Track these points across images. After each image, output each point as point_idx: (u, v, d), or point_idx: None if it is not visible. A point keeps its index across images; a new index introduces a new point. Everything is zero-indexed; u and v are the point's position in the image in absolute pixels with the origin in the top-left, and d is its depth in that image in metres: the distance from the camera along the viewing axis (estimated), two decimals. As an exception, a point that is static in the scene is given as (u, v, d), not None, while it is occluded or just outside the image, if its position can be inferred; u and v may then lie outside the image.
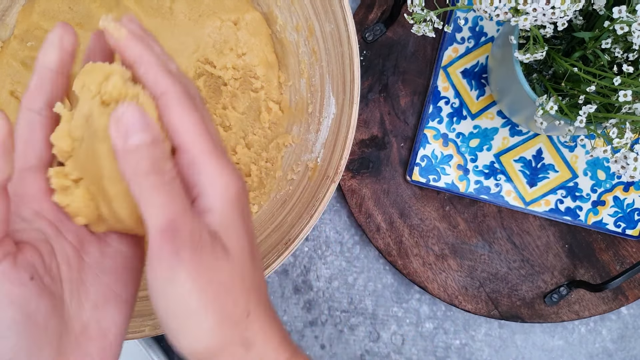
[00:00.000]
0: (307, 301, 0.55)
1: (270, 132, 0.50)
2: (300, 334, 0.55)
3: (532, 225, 0.54)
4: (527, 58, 0.39)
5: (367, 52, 0.54)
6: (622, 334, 0.55)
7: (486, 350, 0.55)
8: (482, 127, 0.53)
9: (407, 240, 0.53)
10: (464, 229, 0.54)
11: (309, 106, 0.48)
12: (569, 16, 0.35)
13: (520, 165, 0.53)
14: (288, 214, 0.45)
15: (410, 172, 0.53)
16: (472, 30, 0.53)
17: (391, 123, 0.54)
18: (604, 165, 0.53)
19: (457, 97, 0.53)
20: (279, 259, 0.41)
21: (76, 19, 0.48)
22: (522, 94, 0.42)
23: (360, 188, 0.53)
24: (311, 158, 0.46)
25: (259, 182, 0.49)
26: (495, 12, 0.35)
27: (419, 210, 0.54)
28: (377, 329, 0.55)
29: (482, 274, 0.53)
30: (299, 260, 0.55)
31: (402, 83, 0.54)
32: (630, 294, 0.53)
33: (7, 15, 0.49)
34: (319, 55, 0.46)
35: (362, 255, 0.55)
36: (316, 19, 0.45)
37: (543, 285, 0.53)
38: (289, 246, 0.41)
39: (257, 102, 0.50)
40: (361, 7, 0.54)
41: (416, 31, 0.39)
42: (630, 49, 0.38)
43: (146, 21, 0.48)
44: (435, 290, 0.53)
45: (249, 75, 0.49)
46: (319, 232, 0.55)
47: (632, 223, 0.53)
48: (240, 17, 0.49)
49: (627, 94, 0.36)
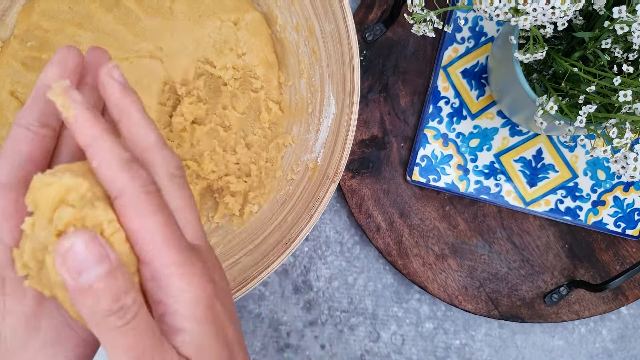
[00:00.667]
0: (307, 301, 0.55)
1: (270, 132, 0.50)
2: (300, 334, 0.55)
3: (532, 225, 0.54)
4: (527, 58, 0.39)
5: (367, 52, 0.54)
6: (622, 334, 0.55)
7: (486, 350, 0.55)
8: (482, 127, 0.53)
9: (407, 240, 0.53)
10: (464, 229, 0.54)
11: (309, 106, 0.48)
12: (569, 16, 0.35)
13: (520, 165, 0.53)
14: (288, 214, 0.45)
15: (410, 172, 0.53)
16: (472, 30, 0.53)
17: (391, 123, 0.54)
18: (604, 165, 0.53)
19: (457, 97, 0.53)
20: (279, 259, 0.41)
21: (76, 19, 0.48)
22: (522, 94, 0.42)
23: (360, 188, 0.53)
24: (311, 158, 0.46)
25: (259, 182, 0.49)
26: (495, 12, 0.35)
27: (419, 210, 0.54)
28: (377, 329, 0.55)
29: (482, 274, 0.53)
30: (299, 260, 0.55)
31: (402, 83, 0.54)
32: (630, 294, 0.53)
33: (7, 15, 0.49)
34: (319, 55, 0.46)
35: (362, 255, 0.55)
36: (316, 19, 0.45)
37: (543, 285, 0.53)
38: (289, 246, 0.41)
39: (257, 102, 0.50)
40: (361, 7, 0.54)
41: (416, 31, 0.39)
42: (630, 49, 0.38)
43: (146, 21, 0.48)
44: (435, 290, 0.53)
45: (249, 75, 0.49)
46: (319, 232, 0.55)
47: (632, 223, 0.53)
48: (240, 17, 0.49)
49: (627, 94, 0.36)
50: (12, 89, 0.48)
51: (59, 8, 0.48)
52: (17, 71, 0.48)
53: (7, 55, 0.48)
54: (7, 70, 0.48)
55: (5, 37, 0.49)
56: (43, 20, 0.48)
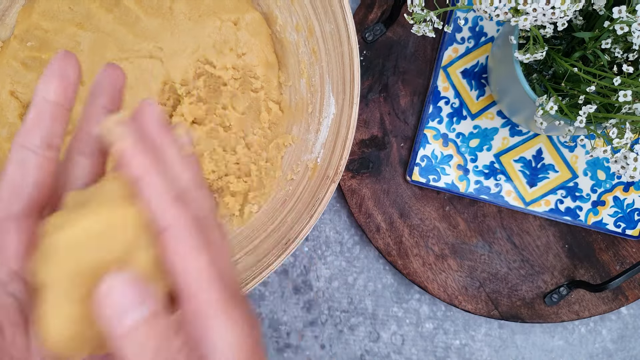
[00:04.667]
0: (307, 301, 0.55)
1: (270, 132, 0.50)
2: (300, 334, 0.55)
3: (532, 225, 0.54)
4: (527, 58, 0.39)
5: (367, 52, 0.54)
6: (622, 334, 0.55)
7: (486, 350, 0.55)
8: (482, 127, 0.53)
9: (407, 241, 0.53)
10: (464, 229, 0.54)
11: (309, 106, 0.48)
12: (569, 16, 0.35)
13: (520, 165, 0.53)
14: (288, 214, 0.45)
15: (410, 172, 0.53)
16: (472, 30, 0.53)
17: (391, 123, 0.54)
18: (604, 165, 0.53)
19: (457, 97, 0.53)
20: (279, 259, 0.41)
21: (76, 19, 0.48)
22: (522, 94, 0.42)
23: (360, 188, 0.53)
24: (311, 158, 0.46)
25: (259, 182, 0.49)
26: (495, 12, 0.35)
27: (419, 210, 0.54)
28: (377, 329, 0.55)
29: (482, 274, 0.53)
30: (299, 260, 0.55)
31: (402, 83, 0.54)
32: (630, 294, 0.53)
33: (7, 15, 0.49)
34: (318, 55, 0.46)
35: (362, 255, 0.55)
36: (316, 19, 0.45)
37: (543, 285, 0.53)
38: (289, 246, 0.41)
39: (257, 102, 0.50)
40: (361, 7, 0.54)
41: (416, 31, 0.39)
42: (630, 49, 0.38)
43: (146, 21, 0.48)
44: (435, 290, 0.53)
45: (248, 75, 0.49)
46: (319, 232, 0.55)
47: (632, 223, 0.53)
48: (240, 17, 0.49)
49: (627, 94, 0.36)
50: (12, 89, 0.48)
51: (59, 8, 0.48)
52: (17, 71, 0.48)
53: (7, 55, 0.48)
54: (7, 70, 0.48)
55: (5, 37, 0.49)
56: (43, 20, 0.48)
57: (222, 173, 0.49)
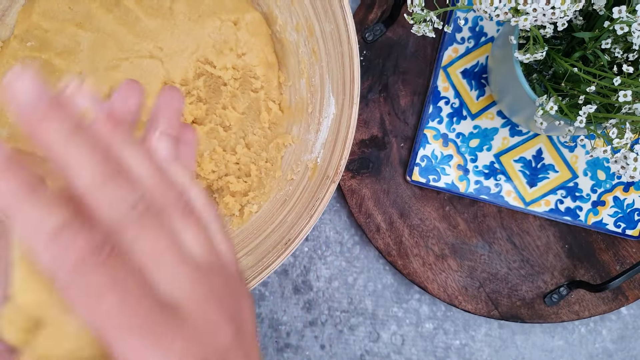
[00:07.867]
0: (307, 301, 0.55)
1: (270, 132, 0.50)
2: (300, 334, 0.55)
3: (532, 226, 0.54)
4: (527, 58, 0.39)
5: (367, 52, 0.54)
6: (622, 334, 0.55)
7: (486, 350, 0.55)
8: (482, 127, 0.53)
9: (407, 241, 0.53)
10: (464, 229, 0.54)
11: (309, 106, 0.48)
12: (569, 16, 0.35)
13: (520, 166, 0.53)
14: (288, 214, 0.45)
15: (410, 172, 0.53)
16: (472, 30, 0.53)
17: (391, 123, 0.54)
18: (604, 165, 0.53)
19: (457, 97, 0.53)
20: (279, 259, 0.41)
21: (76, 19, 0.48)
22: (522, 94, 0.42)
23: (360, 188, 0.53)
24: (311, 158, 0.46)
25: (259, 182, 0.49)
26: (495, 12, 0.35)
27: (419, 210, 0.54)
28: (377, 329, 0.55)
29: (482, 274, 0.53)
30: (299, 260, 0.55)
31: (402, 83, 0.54)
32: (630, 294, 0.53)
33: (7, 15, 0.49)
34: (318, 55, 0.46)
35: (362, 255, 0.55)
36: (316, 19, 0.45)
37: (543, 285, 0.53)
38: (289, 246, 0.41)
39: (257, 102, 0.49)
40: (361, 7, 0.54)
41: (416, 31, 0.39)
42: (630, 49, 0.38)
43: (146, 21, 0.48)
44: (435, 290, 0.53)
45: (248, 75, 0.49)
46: (319, 232, 0.55)
47: (632, 223, 0.53)
48: (240, 17, 0.49)
49: (627, 94, 0.36)
50: (12, 89, 0.48)
51: (59, 8, 0.48)
52: (17, 71, 0.48)
53: (7, 55, 0.48)
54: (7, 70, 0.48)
55: (5, 37, 0.49)
56: (43, 20, 0.48)
57: (222, 173, 0.49)
